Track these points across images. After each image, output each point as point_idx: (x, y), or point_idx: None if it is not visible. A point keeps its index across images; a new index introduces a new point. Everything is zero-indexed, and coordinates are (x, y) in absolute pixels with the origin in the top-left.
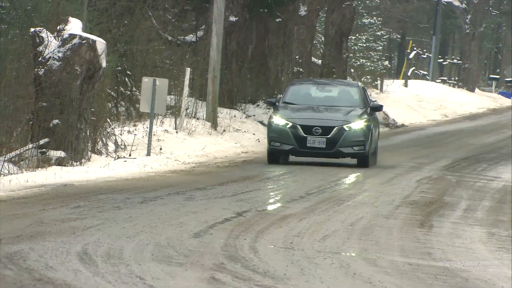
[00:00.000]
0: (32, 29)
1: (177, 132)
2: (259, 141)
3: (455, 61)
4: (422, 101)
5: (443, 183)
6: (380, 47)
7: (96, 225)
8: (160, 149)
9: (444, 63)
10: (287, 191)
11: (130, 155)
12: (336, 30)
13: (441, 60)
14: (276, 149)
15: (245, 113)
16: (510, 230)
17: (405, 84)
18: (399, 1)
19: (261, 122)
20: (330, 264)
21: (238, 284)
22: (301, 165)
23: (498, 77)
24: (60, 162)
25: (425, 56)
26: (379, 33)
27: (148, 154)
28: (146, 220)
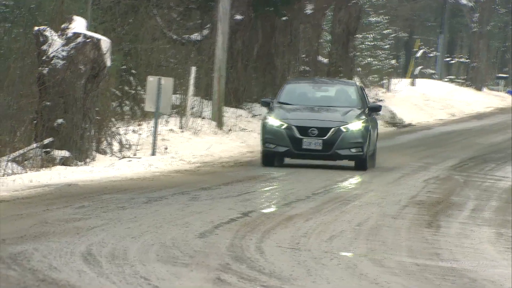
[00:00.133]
0: (36, 28)
1: (182, 132)
2: None
3: (463, 59)
4: (429, 100)
5: (450, 183)
6: (387, 46)
7: (101, 225)
8: (165, 148)
9: (452, 61)
10: (292, 191)
11: (135, 154)
12: (343, 28)
13: (449, 58)
14: (270, 151)
15: (251, 112)
16: None
17: (412, 83)
18: (406, 0)
19: None
20: (337, 265)
21: (244, 284)
22: (305, 166)
23: (507, 75)
24: (64, 162)
25: (432, 55)
26: (386, 31)
27: (153, 153)
28: (151, 220)
